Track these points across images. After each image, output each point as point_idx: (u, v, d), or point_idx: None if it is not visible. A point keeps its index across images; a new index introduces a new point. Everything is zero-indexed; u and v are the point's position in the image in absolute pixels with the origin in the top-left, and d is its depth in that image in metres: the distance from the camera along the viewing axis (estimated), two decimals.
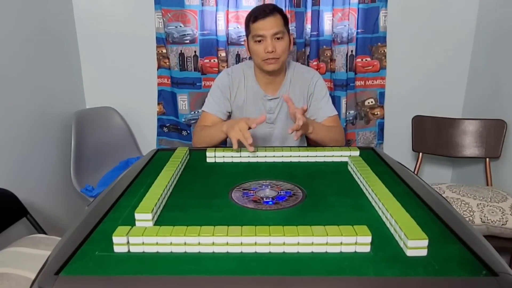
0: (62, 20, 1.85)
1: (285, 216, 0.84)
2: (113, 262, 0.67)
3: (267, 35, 1.33)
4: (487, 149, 1.76)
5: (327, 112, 1.47)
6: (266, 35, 1.33)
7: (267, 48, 1.33)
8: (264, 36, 1.34)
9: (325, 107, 1.48)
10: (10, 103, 1.47)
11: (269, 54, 1.34)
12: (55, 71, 1.78)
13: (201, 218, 0.83)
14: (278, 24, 1.34)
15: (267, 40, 1.33)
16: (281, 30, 1.34)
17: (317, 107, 1.48)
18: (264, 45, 1.34)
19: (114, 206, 0.88)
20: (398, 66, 1.99)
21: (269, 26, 1.33)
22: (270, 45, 1.33)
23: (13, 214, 1.36)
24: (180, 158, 1.12)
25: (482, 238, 0.73)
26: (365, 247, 0.69)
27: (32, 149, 1.60)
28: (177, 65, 1.93)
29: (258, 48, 1.36)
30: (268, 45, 1.33)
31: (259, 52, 1.36)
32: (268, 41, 1.33)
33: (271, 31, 1.33)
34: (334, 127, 1.45)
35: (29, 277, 1.03)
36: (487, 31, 1.85)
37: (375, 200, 0.87)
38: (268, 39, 1.33)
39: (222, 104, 1.46)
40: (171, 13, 1.86)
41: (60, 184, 1.80)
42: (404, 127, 1.99)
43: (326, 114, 1.47)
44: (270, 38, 1.33)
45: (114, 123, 2.01)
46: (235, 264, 0.66)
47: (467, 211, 1.43)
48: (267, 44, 1.33)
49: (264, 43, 1.34)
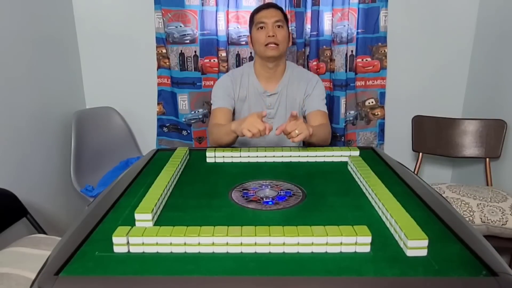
0: (62, 21, 1.85)
1: (285, 216, 0.84)
2: (113, 262, 0.67)
3: (268, 22, 1.43)
4: (487, 149, 1.76)
5: (319, 106, 1.50)
6: (267, 22, 1.43)
7: (269, 32, 1.42)
8: (266, 23, 1.44)
9: (319, 102, 1.51)
10: (10, 103, 1.47)
11: (270, 38, 1.42)
12: (55, 72, 1.77)
13: (201, 218, 0.83)
14: (279, 15, 1.46)
15: (269, 26, 1.43)
16: (281, 19, 1.45)
17: (311, 99, 1.51)
18: (265, 31, 1.43)
19: (114, 206, 0.88)
20: (399, 66, 1.99)
21: (270, 15, 1.44)
22: (271, 30, 1.42)
23: (13, 214, 1.36)
24: (180, 158, 1.12)
25: (482, 238, 0.73)
26: (365, 247, 0.69)
27: (32, 149, 1.60)
28: (177, 65, 1.93)
29: (260, 34, 1.45)
30: (269, 30, 1.43)
31: (261, 37, 1.44)
32: (270, 26, 1.43)
33: (272, 19, 1.44)
34: (323, 125, 1.47)
35: (29, 277, 1.03)
36: (487, 32, 1.85)
37: (375, 200, 0.87)
38: (269, 25, 1.43)
39: (227, 98, 1.51)
40: (171, 13, 1.86)
41: (60, 184, 1.80)
42: (404, 127, 1.99)
43: (317, 107, 1.50)
44: (272, 24, 1.43)
45: (114, 123, 2.01)
46: (235, 264, 0.66)
47: (467, 211, 1.43)
48: (268, 29, 1.43)
49: (265, 29, 1.44)
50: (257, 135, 1.15)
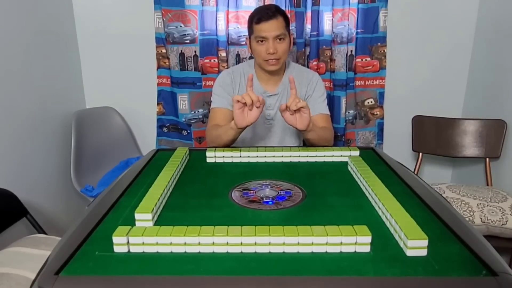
0: (62, 20, 1.85)
1: (285, 216, 0.84)
2: (113, 262, 0.67)
3: (269, 37, 1.36)
4: (487, 149, 1.76)
5: (320, 109, 1.49)
6: (268, 37, 1.36)
7: (269, 49, 1.36)
8: (266, 38, 1.37)
9: (320, 105, 1.50)
10: (10, 103, 1.47)
11: (271, 55, 1.37)
12: (55, 71, 1.78)
13: (201, 218, 0.83)
14: (280, 26, 1.37)
15: (269, 42, 1.36)
16: (282, 33, 1.38)
17: (312, 103, 1.49)
18: (266, 46, 1.37)
19: (114, 206, 0.88)
20: (398, 66, 1.99)
21: (271, 29, 1.36)
22: (271, 47, 1.36)
23: (13, 214, 1.36)
24: (180, 158, 1.12)
25: (482, 238, 0.73)
26: (365, 247, 0.69)
27: (32, 149, 1.60)
28: (177, 65, 1.93)
29: (260, 48, 1.39)
30: (270, 46, 1.36)
31: (261, 52, 1.39)
32: (270, 43, 1.36)
33: (273, 33, 1.36)
34: (325, 128, 1.46)
35: (29, 277, 1.03)
36: (487, 31, 1.85)
37: (375, 200, 0.87)
38: (270, 41, 1.36)
39: (227, 97, 1.48)
40: (171, 13, 1.86)
41: (60, 184, 1.80)
42: (404, 127, 1.99)
43: (319, 110, 1.48)
44: (272, 40, 1.36)
45: (114, 123, 2.01)
46: (235, 264, 0.66)
47: (467, 211, 1.43)
48: (268, 46, 1.36)
49: (266, 44, 1.37)
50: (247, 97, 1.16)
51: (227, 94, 1.48)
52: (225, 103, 1.47)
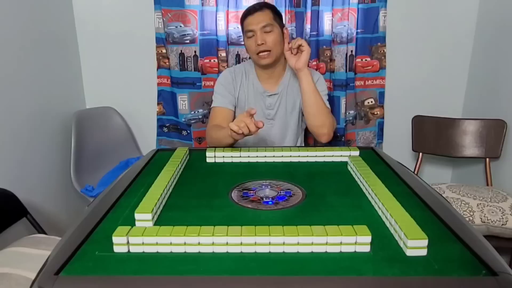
0: (62, 20, 1.85)
1: (285, 216, 0.84)
2: (113, 262, 0.67)
3: (256, 29, 1.39)
4: (487, 149, 1.76)
5: None
6: (255, 29, 1.39)
7: (257, 40, 1.38)
8: (254, 31, 1.39)
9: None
10: (10, 103, 1.47)
11: (260, 46, 1.39)
12: (55, 71, 1.78)
13: (201, 218, 0.83)
14: (266, 18, 1.39)
15: (257, 33, 1.39)
16: (269, 23, 1.39)
17: None
18: (254, 39, 1.40)
19: (114, 206, 0.88)
20: (398, 66, 1.99)
21: (257, 21, 1.39)
22: (259, 38, 1.38)
23: (13, 214, 1.36)
24: (180, 158, 1.12)
25: (482, 238, 0.73)
26: (365, 247, 0.69)
27: (32, 149, 1.60)
28: (177, 65, 1.93)
29: (250, 43, 1.42)
30: (258, 37, 1.39)
31: (251, 46, 1.41)
32: (258, 34, 1.39)
33: (259, 25, 1.38)
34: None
35: (29, 277, 1.03)
36: (487, 31, 1.85)
37: (375, 200, 0.87)
38: (257, 33, 1.39)
39: (228, 96, 1.49)
40: (171, 13, 1.86)
41: (60, 184, 1.80)
42: (404, 127, 1.99)
43: None
44: (260, 31, 1.39)
45: (114, 123, 2.01)
46: (235, 264, 0.66)
47: (467, 211, 1.43)
48: (256, 37, 1.39)
49: (254, 37, 1.40)
50: (245, 129, 1.12)
51: (228, 93, 1.49)
52: (226, 102, 1.48)
